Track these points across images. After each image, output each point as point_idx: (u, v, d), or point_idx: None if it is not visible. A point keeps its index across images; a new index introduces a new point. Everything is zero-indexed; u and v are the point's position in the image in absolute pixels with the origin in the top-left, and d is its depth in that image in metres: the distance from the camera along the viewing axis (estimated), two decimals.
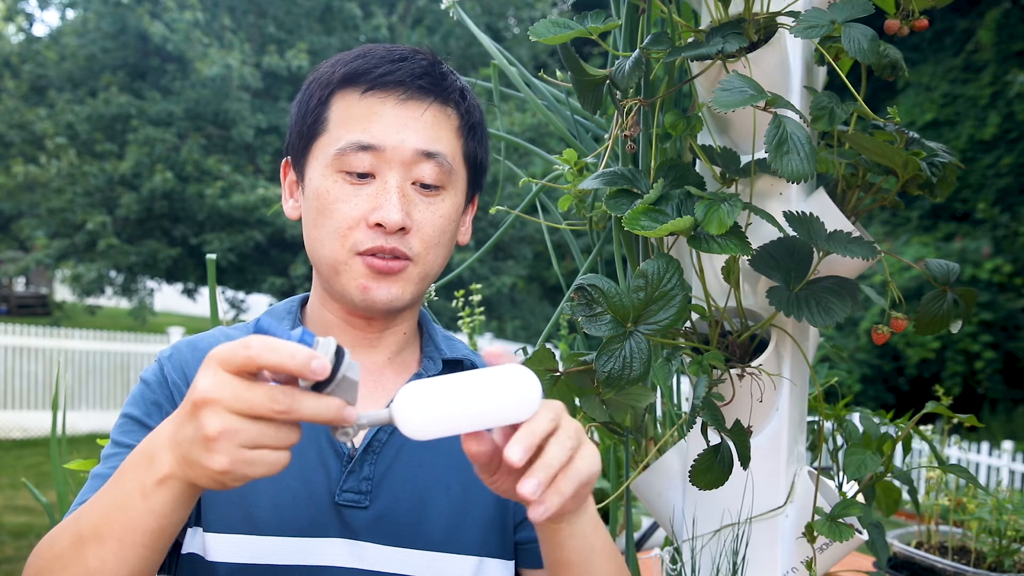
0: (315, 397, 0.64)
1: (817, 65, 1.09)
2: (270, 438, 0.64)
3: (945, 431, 1.54)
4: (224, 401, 0.63)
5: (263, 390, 0.63)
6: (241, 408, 0.63)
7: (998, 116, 10.65)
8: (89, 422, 8.43)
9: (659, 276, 0.93)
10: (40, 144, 11.35)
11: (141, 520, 0.70)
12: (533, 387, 0.68)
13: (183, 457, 0.67)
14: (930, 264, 1.02)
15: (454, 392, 0.66)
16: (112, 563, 0.71)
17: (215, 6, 11.53)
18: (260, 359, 0.62)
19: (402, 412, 0.65)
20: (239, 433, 0.63)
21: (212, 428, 0.63)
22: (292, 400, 0.63)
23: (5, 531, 5.27)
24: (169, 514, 0.70)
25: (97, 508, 0.73)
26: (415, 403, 0.65)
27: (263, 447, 0.64)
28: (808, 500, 1.04)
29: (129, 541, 0.70)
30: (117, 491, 0.72)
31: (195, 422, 0.64)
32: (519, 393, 0.68)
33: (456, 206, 0.97)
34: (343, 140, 0.91)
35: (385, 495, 0.93)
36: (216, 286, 1.32)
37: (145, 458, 0.70)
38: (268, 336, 0.63)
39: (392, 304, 0.93)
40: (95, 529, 0.72)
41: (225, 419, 0.63)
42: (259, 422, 0.64)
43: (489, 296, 11.32)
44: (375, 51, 0.95)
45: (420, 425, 0.65)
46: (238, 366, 0.63)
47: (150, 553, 0.72)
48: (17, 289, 19.22)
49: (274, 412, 0.63)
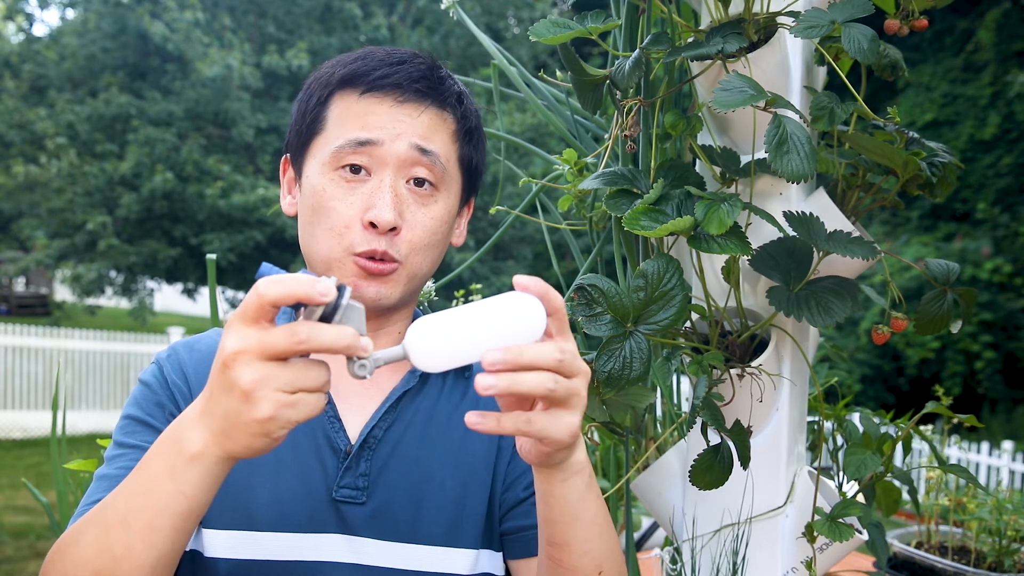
0: (331, 327, 0.65)
1: (817, 65, 1.09)
2: (305, 379, 0.66)
3: (945, 431, 1.54)
4: (251, 350, 0.65)
5: (283, 329, 0.65)
6: (266, 351, 0.65)
7: (998, 116, 10.64)
8: (89, 422, 8.43)
9: (659, 276, 0.93)
10: (40, 144, 11.36)
11: (169, 502, 0.70)
12: (538, 313, 0.70)
13: (219, 428, 0.68)
14: (930, 264, 1.02)
15: (463, 323, 0.68)
16: (139, 548, 0.71)
17: (215, 6, 11.53)
18: (269, 294, 0.65)
19: (415, 346, 0.68)
20: (274, 379, 0.65)
21: (247, 379, 0.65)
22: (311, 331, 0.65)
23: (5, 531, 5.27)
24: (198, 495, 0.70)
25: (122, 496, 0.73)
26: (427, 336, 0.67)
27: (301, 389, 0.66)
28: (808, 500, 1.04)
29: (157, 525, 0.71)
30: (143, 476, 0.72)
31: (228, 380, 0.66)
32: (525, 319, 0.69)
33: (449, 209, 0.98)
34: (341, 139, 0.93)
35: (382, 491, 0.94)
36: (216, 286, 1.33)
37: (172, 441, 0.71)
38: (270, 275, 0.67)
39: (380, 302, 0.94)
40: (121, 516, 0.72)
41: (257, 368, 0.65)
42: (290, 365, 0.66)
43: (489, 296, 11.31)
44: (375, 53, 0.97)
45: (433, 356, 0.68)
46: (254, 312, 0.66)
47: (177, 536, 0.72)
48: (17, 289, 19.23)
49: (296, 345, 0.64)
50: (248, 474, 0.93)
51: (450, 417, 1.00)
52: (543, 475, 0.79)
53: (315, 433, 0.95)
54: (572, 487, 0.79)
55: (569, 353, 0.71)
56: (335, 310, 0.66)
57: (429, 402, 1.00)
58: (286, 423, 0.66)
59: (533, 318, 0.69)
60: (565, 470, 0.78)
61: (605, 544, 0.83)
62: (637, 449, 1.38)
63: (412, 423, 0.98)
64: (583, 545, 0.81)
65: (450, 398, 1.01)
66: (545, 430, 0.71)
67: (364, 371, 0.67)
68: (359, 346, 0.66)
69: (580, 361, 0.72)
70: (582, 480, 0.79)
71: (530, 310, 0.70)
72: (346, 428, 0.96)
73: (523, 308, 0.69)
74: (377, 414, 0.96)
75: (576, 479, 0.79)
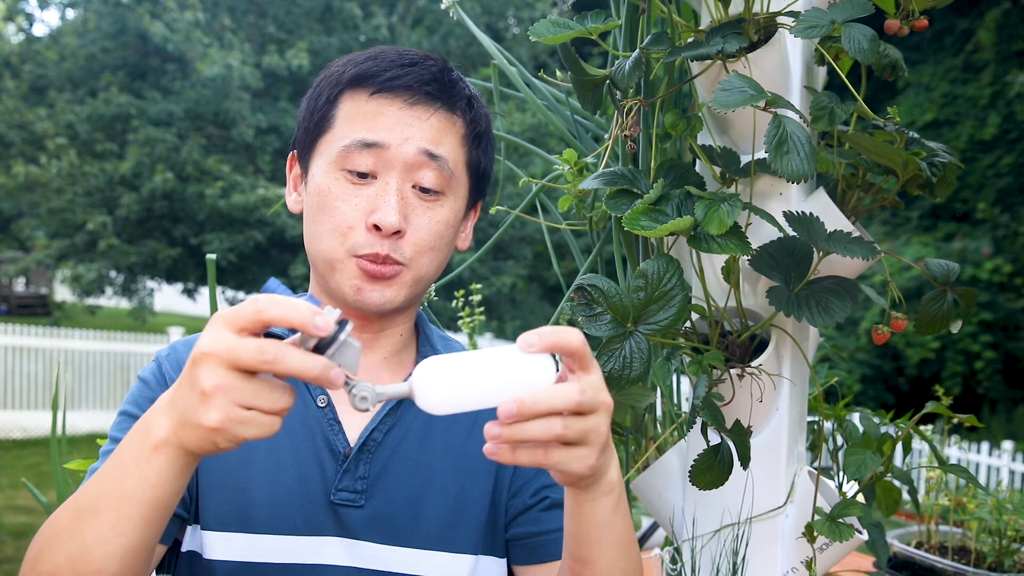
0: (302, 352, 0.64)
1: (817, 65, 1.09)
2: (263, 399, 0.65)
3: (945, 431, 1.54)
4: (219, 355, 0.64)
5: (253, 342, 0.64)
6: (233, 360, 0.64)
7: (998, 116, 10.64)
8: (89, 422, 8.42)
9: (659, 276, 0.93)
10: (40, 144, 11.35)
11: (136, 490, 0.69)
12: (547, 367, 0.68)
13: (178, 420, 0.67)
14: (930, 264, 1.02)
15: (472, 369, 0.67)
16: (109, 537, 0.70)
17: (215, 6, 11.52)
18: (266, 312, 0.64)
19: (421, 386, 0.67)
20: (233, 391, 0.64)
21: (208, 383, 0.64)
22: (279, 351, 0.64)
23: (5, 531, 5.27)
24: (164, 483, 0.69)
25: (95, 483, 0.73)
26: (434, 378, 0.67)
27: (255, 408, 0.65)
28: (808, 500, 1.04)
29: (125, 513, 0.70)
30: (115, 462, 0.71)
31: (192, 377, 0.65)
32: (533, 372, 0.68)
33: (455, 212, 0.97)
34: (348, 138, 0.92)
35: (380, 494, 0.94)
36: (216, 286, 1.33)
37: (142, 428, 0.70)
38: (275, 294, 0.66)
39: (384, 307, 0.94)
40: (92, 503, 0.71)
41: (221, 375, 0.64)
42: (253, 381, 0.65)
43: (489, 296, 11.32)
44: (386, 54, 0.96)
45: (438, 399, 0.67)
46: (244, 322, 0.65)
47: (146, 526, 0.71)
48: (17, 289, 19.22)
49: (261, 362, 0.64)
50: (246, 476, 0.93)
51: (451, 422, 0.99)
52: (571, 492, 0.78)
53: (314, 435, 0.95)
54: (600, 507, 0.77)
55: (591, 389, 0.69)
56: (331, 343, 0.65)
57: None
58: (233, 437, 0.65)
59: (541, 371, 0.68)
60: (594, 490, 0.76)
61: (628, 564, 0.82)
62: (637, 449, 1.38)
63: (413, 427, 0.98)
64: (607, 564, 0.80)
65: None
66: (561, 464, 0.69)
67: (365, 404, 0.66)
68: (327, 378, 0.64)
69: (603, 394, 0.71)
70: (611, 500, 0.77)
71: (538, 363, 0.68)
72: (346, 431, 0.96)
73: (532, 360, 0.68)
74: (377, 417, 0.96)
75: (605, 499, 0.77)
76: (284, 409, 0.66)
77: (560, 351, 0.69)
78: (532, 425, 0.67)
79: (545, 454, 0.69)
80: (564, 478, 0.73)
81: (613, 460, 0.77)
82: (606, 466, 0.75)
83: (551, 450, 0.69)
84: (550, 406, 0.67)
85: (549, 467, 0.70)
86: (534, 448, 0.68)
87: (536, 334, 0.68)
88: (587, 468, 0.70)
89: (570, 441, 0.69)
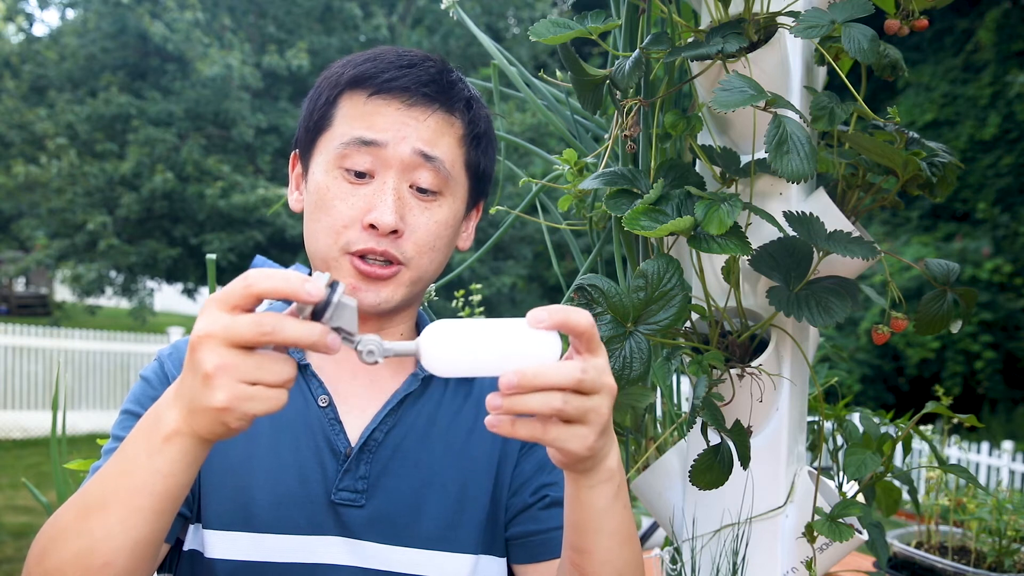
0: (299, 321, 0.65)
1: (817, 65, 1.09)
2: (267, 372, 0.65)
3: (945, 431, 1.54)
4: (217, 334, 0.64)
5: (249, 316, 0.65)
6: (231, 338, 0.64)
7: (998, 116, 10.63)
8: (89, 422, 8.42)
9: (659, 276, 0.93)
10: (40, 144, 11.34)
11: (147, 482, 0.69)
12: (552, 343, 0.69)
13: (187, 408, 0.67)
14: (930, 264, 1.02)
15: (479, 336, 0.68)
16: (117, 531, 0.70)
17: (215, 6, 11.52)
18: (256, 286, 0.65)
19: (428, 346, 0.68)
20: (236, 368, 0.64)
21: (209, 364, 0.64)
22: (276, 322, 0.64)
23: (5, 531, 5.27)
24: (176, 473, 0.69)
25: (102, 478, 0.72)
26: (442, 340, 0.68)
27: (260, 383, 0.65)
28: (808, 500, 1.04)
29: (135, 506, 0.70)
30: (122, 458, 0.71)
31: (194, 362, 0.66)
32: (538, 346, 0.69)
33: (454, 213, 0.97)
34: (345, 136, 0.93)
35: (381, 494, 0.94)
36: (216, 286, 1.32)
37: (150, 422, 0.70)
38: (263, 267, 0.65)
39: (380, 308, 0.94)
40: (100, 498, 0.71)
41: (221, 354, 0.64)
42: (254, 356, 0.65)
43: (489, 296, 11.32)
44: (386, 55, 0.96)
45: (443, 361, 0.68)
46: (235, 299, 0.65)
47: (156, 518, 0.71)
48: (17, 289, 19.22)
49: (260, 335, 0.64)
50: (247, 475, 0.93)
51: (452, 421, 1.00)
52: (571, 478, 0.78)
53: (315, 435, 0.95)
54: (600, 494, 0.77)
55: (594, 370, 0.69)
56: (326, 307, 0.65)
57: (431, 406, 1.00)
58: (243, 415, 0.65)
59: (547, 346, 0.69)
60: (593, 476, 0.76)
61: (628, 554, 0.81)
62: (637, 449, 1.38)
63: (414, 426, 0.98)
64: (605, 554, 0.80)
65: (452, 402, 1.01)
66: (559, 441, 0.70)
67: (373, 357, 0.67)
68: (326, 343, 0.65)
69: (606, 376, 0.71)
70: (610, 488, 0.77)
71: (545, 339, 0.69)
72: (346, 430, 0.96)
73: (539, 335, 0.69)
74: (378, 417, 0.96)
75: (604, 487, 0.77)
76: (288, 380, 0.67)
77: (568, 330, 0.69)
78: (532, 398, 0.67)
79: (544, 429, 0.69)
80: (563, 458, 0.73)
81: (613, 447, 0.77)
82: (605, 450, 0.75)
83: (550, 426, 0.69)
84: (551, 381, 0.67)
85: (547, 443, 0.70)
86: (533, 422, 0.69)
87: (546, 311, 0.69)
88: (585, 448, 0.70)
89: (569, 418, 0.69)
